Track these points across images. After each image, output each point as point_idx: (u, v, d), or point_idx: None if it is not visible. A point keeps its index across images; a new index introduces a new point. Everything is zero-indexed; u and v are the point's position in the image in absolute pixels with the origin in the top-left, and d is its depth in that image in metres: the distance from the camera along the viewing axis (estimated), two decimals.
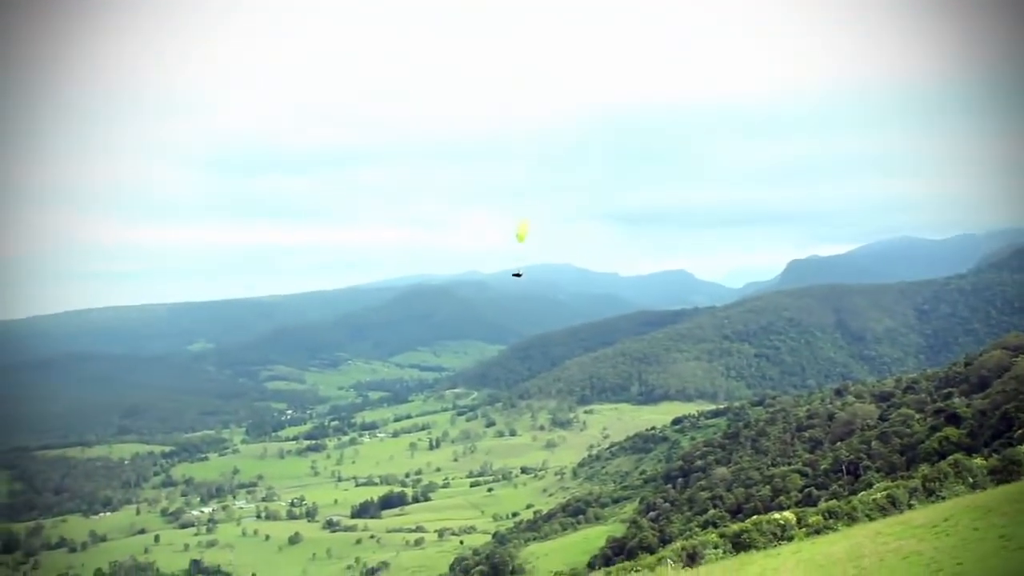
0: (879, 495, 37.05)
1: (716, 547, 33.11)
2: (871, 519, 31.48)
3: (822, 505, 43.44)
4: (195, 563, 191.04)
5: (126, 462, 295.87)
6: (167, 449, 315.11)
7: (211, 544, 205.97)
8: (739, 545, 32.70)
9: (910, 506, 32.12)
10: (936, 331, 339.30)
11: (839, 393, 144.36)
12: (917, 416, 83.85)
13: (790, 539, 31.32)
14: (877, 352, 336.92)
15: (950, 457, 42.17)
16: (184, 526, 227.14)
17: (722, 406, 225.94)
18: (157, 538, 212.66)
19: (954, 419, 66.89)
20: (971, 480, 34.13)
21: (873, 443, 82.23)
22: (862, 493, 44.34)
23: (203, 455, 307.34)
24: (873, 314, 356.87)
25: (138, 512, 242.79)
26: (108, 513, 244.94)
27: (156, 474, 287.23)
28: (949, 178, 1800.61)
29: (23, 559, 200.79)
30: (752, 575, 20.42)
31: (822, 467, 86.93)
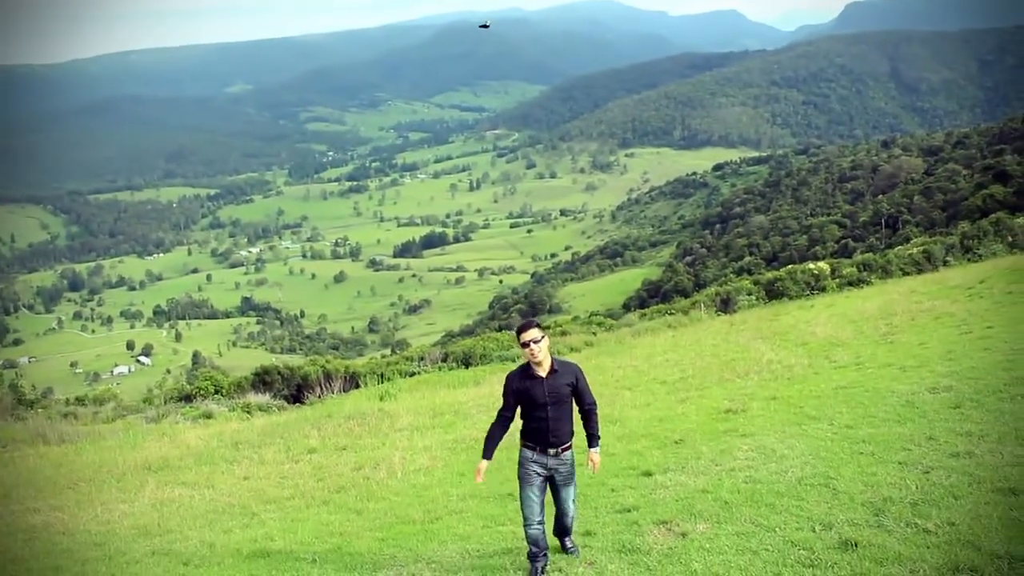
0: (915, 250, 37.21)
1: (750, 294, 33.75)
2: (906, 273, 31.92)
3: (857, 257, 43.77)
4: (246, 300, 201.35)
5: (174, 205, 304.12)
6: (212, 191, 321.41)
7: (260, 283, 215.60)
8: (772, 293, 33.23)
9: (945, 263, 32.43)
10: (997, 84, 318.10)
11: (886, 145, 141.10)
12: (964, 172, 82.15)
13: (823, 290, 31.78)
14: (931, 104, 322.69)
15: (992, 215, 41.95)
16: (233, 266, 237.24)
17: (765, 153, 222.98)
18: (209, 277, 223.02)
19: (1003, 177, 65.29)
20: (1010, 239, 34.16)
21: (915, 198, 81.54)
22: (899, 247, 44.60)
23: (248, 197, 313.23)
24: (931, 64, 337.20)
25: (189, 253, 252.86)
26: (161, 254, 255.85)
27: (204, 216, 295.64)
28: None
29: (88, 296, 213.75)
30: (785, 325, 21.23)
31: (861, 219, 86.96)
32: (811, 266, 37.05)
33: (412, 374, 27.12)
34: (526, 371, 6.71)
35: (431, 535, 8.18)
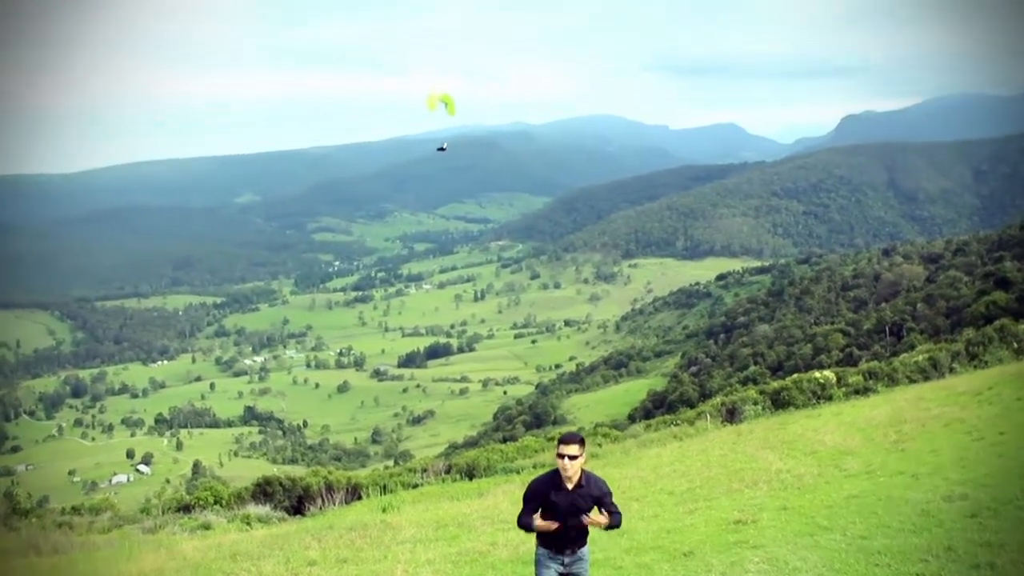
0: (921, 357, 37.07)
1: (755, 403, 33.39)
2: (912, 381, 31.68)
3: (863, 365, 43.51)
4: (249, 409, 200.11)
5: (180, 312, 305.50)
6: (218, 300, 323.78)
7: (264, 392, 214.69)
8: (778, 402, 32.85)
9: (951, 370, 32.23)
10: (992, 192, 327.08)
11: (887, 253, 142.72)
12: (965, 279, 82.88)
13: (829, 398, 31.46)
14: (929, 213, 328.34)
15: (996, 322, 41.91)
16: (237, 374, 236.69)
17: (767, 263, 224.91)
18: (212, 386, 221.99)
19: (1003, 283, 65.80)
20: (1016, 345, 34.08)
21: (918, 305, 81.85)
22: (904, 355, 44.45)
23: (253, 306, 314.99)
24: (927, 173, 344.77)
25: (193, 361, 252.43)
26: (165, 361, 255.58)
27: (209, 324, 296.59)
28: (1018, 30, 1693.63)
29: (90, 403, 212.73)
30: (793, 434, 20.94)
31: (865, 327, 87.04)
32: (817, 375, 36.74)
33: (415, 486, 26.70)
34: (554, 479, 6.71)
35: None
